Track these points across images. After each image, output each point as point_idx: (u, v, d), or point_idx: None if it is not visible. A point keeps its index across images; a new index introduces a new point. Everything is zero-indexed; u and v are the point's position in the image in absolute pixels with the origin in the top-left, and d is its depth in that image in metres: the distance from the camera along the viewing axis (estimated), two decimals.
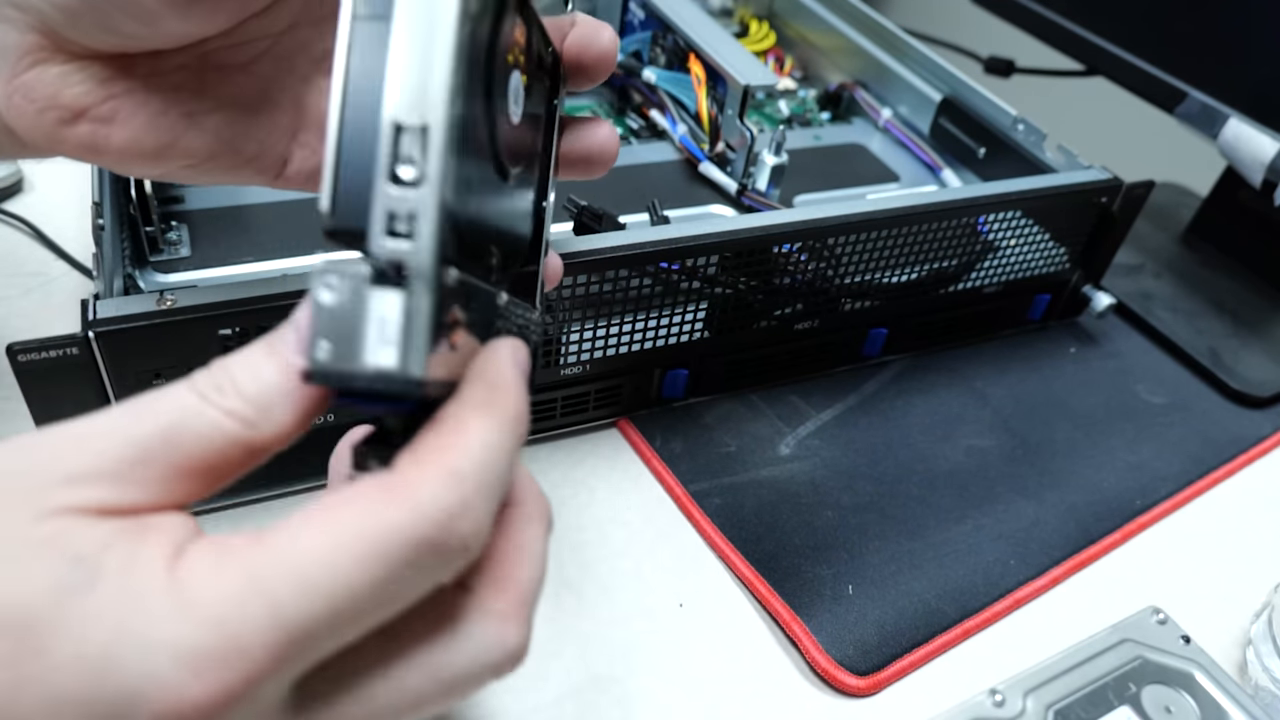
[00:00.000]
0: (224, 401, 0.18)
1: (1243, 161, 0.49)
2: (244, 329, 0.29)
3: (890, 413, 0.43)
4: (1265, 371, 0.50)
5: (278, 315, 0.29)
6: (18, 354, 0.27)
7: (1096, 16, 0.58)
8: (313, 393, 0.19)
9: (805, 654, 0.33)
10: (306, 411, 0.19)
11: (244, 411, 0.18)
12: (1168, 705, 0.31)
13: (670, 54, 0.54)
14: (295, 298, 0.28)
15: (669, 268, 0.36)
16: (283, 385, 0.18)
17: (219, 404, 0.18)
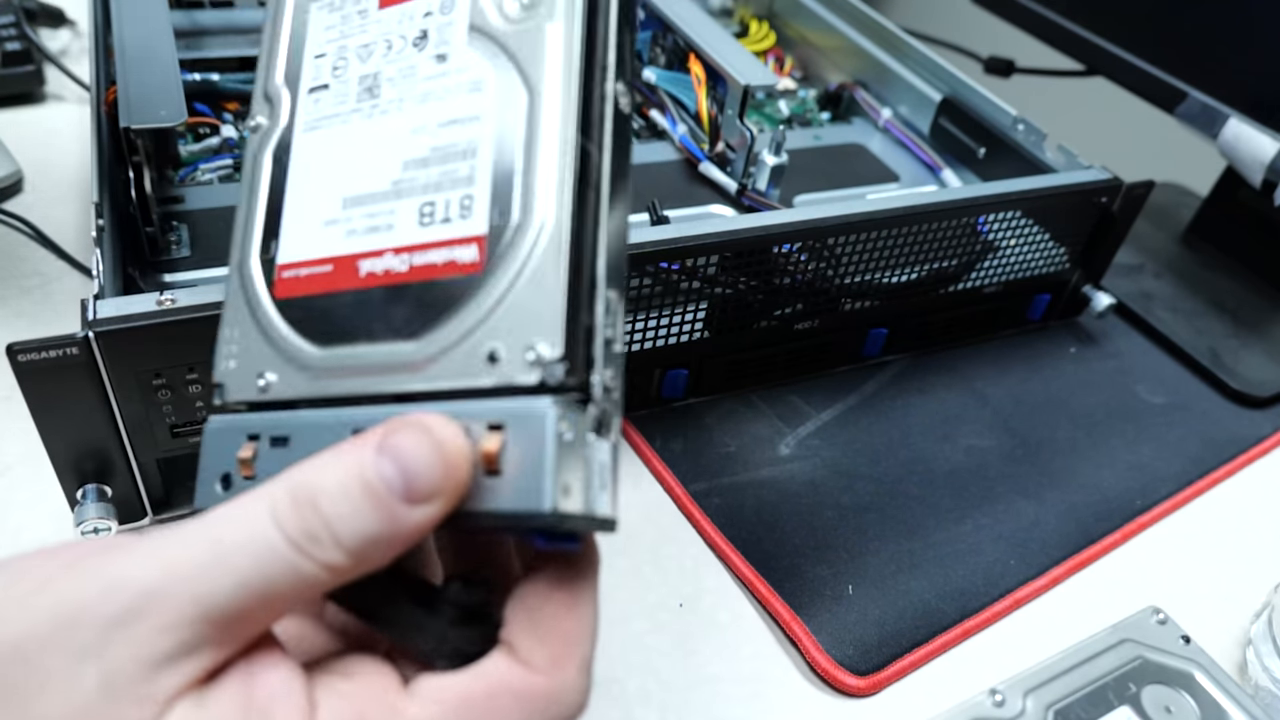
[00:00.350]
0: (321, 554, 0.17)
1: (1243, 161, 0.49)
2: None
3: (890, 413, 0.43)
4: (1265, 371, 0.50)
5: None
6: (18, 354, 0.27)
7: (1096, 16, 0.58)
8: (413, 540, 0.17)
9: (805, 654, 0.33)
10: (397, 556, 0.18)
11: (342, 565, 0.17)
12: (1168, 705, 0.31)
13: (670, 54, 0.54)
14: None
15: (669, 268, 0.36)
16: (389, 536, 0.17)
17: (316, 557, 0.17)
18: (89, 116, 0.41)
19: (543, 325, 0.19)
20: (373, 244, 0.21)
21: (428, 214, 0.21)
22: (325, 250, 0.22)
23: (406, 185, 0.21)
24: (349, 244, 0.21)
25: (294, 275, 0.22)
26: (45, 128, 0.53)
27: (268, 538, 0.17)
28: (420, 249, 0.21)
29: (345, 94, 0.22)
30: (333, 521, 0.17)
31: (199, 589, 0.16)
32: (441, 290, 0.20)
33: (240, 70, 0.51)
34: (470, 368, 0.19)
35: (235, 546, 0.17)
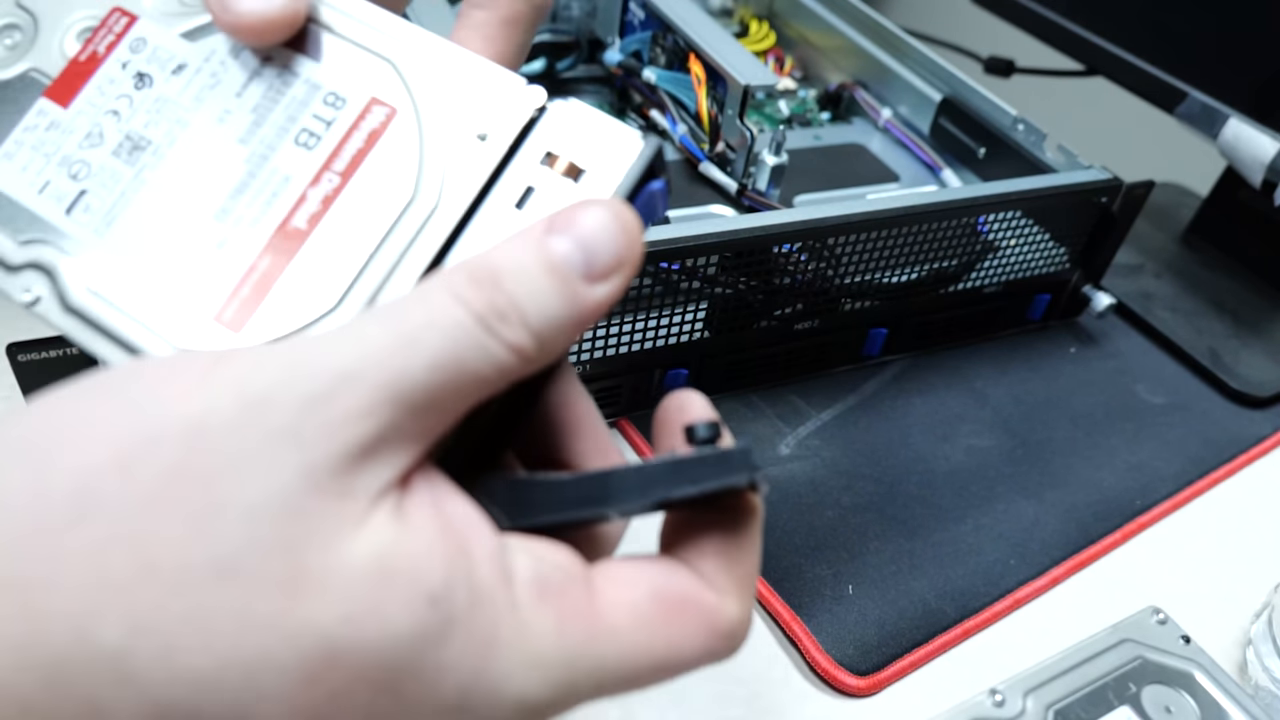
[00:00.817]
0: (510, 334, 0.16)
1: (1243, 161, 0.49)
2: None
3: (890, 413, 0.43)
4: (1265, 371, 0.50)
5: None
6: (17, 354, 0.27)
7: (1096, 16, 0.58)
8: (591, 322, 0.17)
9: (805, 654, 0.33)
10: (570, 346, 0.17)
11: (528, 348, 0.16)
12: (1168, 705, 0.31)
13: (670, 54, 0.54)
14: None
15: (669, 268, 0.36)
16: (574, 316, 0.16)
17: (505, 337, 0.16)
18: None
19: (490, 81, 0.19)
20: (285, 204, 0.19)
21: (308, 139, 0.20)
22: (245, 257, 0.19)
23: (261, 148, 0.20)
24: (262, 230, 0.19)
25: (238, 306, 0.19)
26: None
27: (454, 316, 0.15)
28: (333, 157, 0.20)
29: (113, 174, 0.20)
30: (519, 298, 0.16)
31: (393, 370, 0.15)
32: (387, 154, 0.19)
33: None
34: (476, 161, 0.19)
35: (423, 325, 0.15)
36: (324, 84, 0.20)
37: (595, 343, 0.37)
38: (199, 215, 0.19)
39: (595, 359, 0.38)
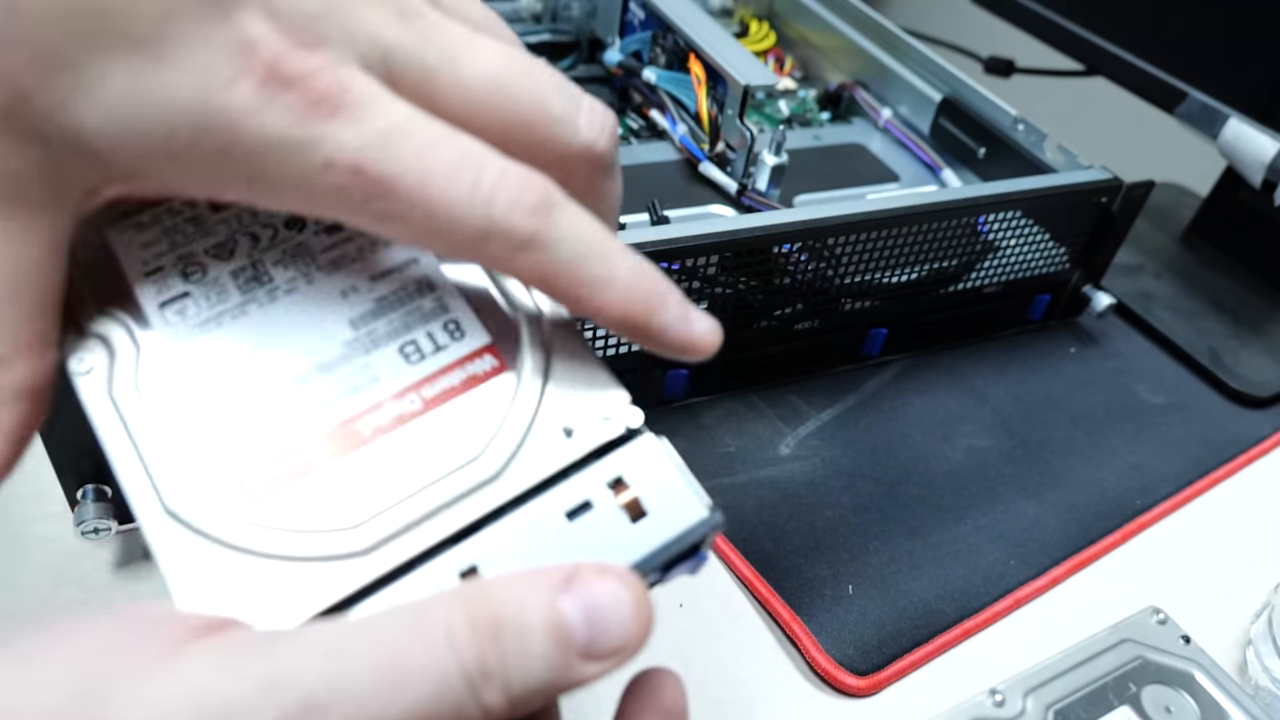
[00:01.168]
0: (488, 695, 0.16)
1: (1243, 161, 0.49)
2: None
3: (890, 413, 0.43)
4: (1265, 371, 0.50)
5: None
6: None
7: (1096, 16, 0.58)
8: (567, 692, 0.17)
9: (805, 654, 0.33)
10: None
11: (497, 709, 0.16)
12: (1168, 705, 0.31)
13: (670, 54, 0.54)
14: None
15: (669, 268, 0.36)
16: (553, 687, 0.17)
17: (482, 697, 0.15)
18: None
19: (598, 386, 0.20)
20: (361, 403, 0.19)
21: (412, 352, 0.20)
22: (299, 433, 0.18)
23: (367, 338, 0.19)
24: (327, 417, 0.19)
25: (268, 477, 0.18)
26: None
27: (444, 667, 0.15)
28: (426, 381, 0.19)
29: (221, 292, 0.20)
30: (510, 660, 0.15)
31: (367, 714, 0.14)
32: (473, 403, 0.19)
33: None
34: (552, 452, 0.19)
35: (411, 671, 0.15)
36: (453, 310, 0.20)
37: (595, 343, 0.37)
38: (279, 371, 0.19)
39: None
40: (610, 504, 0.19)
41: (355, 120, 0.16)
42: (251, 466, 0.18)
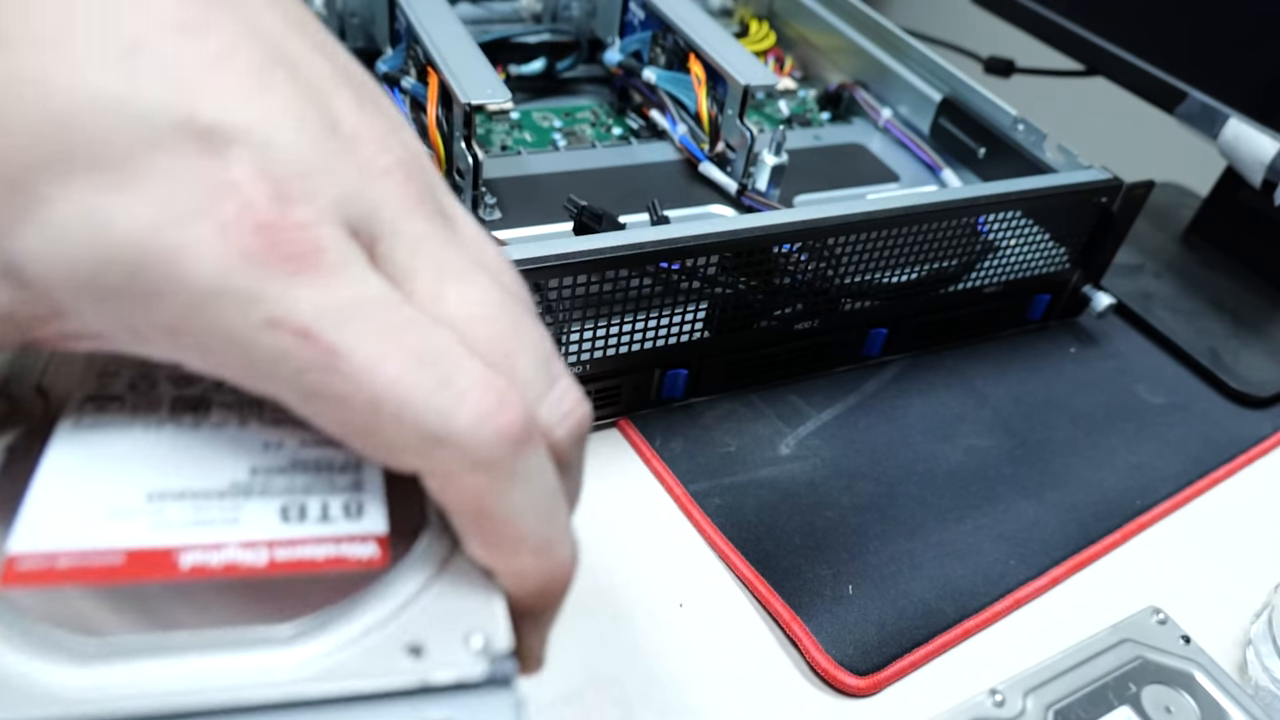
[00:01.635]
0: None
1: (1243, 161, 0.49)
2: None
3: (890, 413, 0.43)
4: (1265, 371, 0.50)
5: None
6: None
7: (1096, 16, 0.58)
8: None
9: (805, 654, 0.33)
10: None
11: None
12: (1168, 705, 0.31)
13: (670, 54, 0.54)
14: None
15: (669, 268, 0.36)
16: None
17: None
18: None
19: (480, 614, 0.17)
20: (204, 537, 0.16)
21: (293, 514, 0.17)
22: (111, 541, 0.16)
23: (256, 487, 0.17)
24: (158, 536, 0.16)
25: (41, 567, 0.16)
26: None
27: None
28: (286, 544, 0.17)
29: (152, 407, 0.18)
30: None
31: None
32: (326, 582, 0.16)
33: None
34: (382, 661, 0.15)
35: None
36: (365, 491, 0.18)
37: (595, 343, 0.37)
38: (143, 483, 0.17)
39: (595, 359, 0.38)
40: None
41: (320, 283, 0.15)
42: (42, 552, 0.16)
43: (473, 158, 0.43)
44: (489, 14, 0.61)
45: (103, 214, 0.14)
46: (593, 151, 0.52)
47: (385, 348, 0.15)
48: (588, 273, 0.34)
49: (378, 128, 0.17)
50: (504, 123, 0.54)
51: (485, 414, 0.15)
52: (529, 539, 0.17)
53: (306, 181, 0.15)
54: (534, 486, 0.16)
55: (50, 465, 0.17)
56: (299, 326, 0.14)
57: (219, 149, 0.15)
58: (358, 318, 0.15)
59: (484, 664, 0.16)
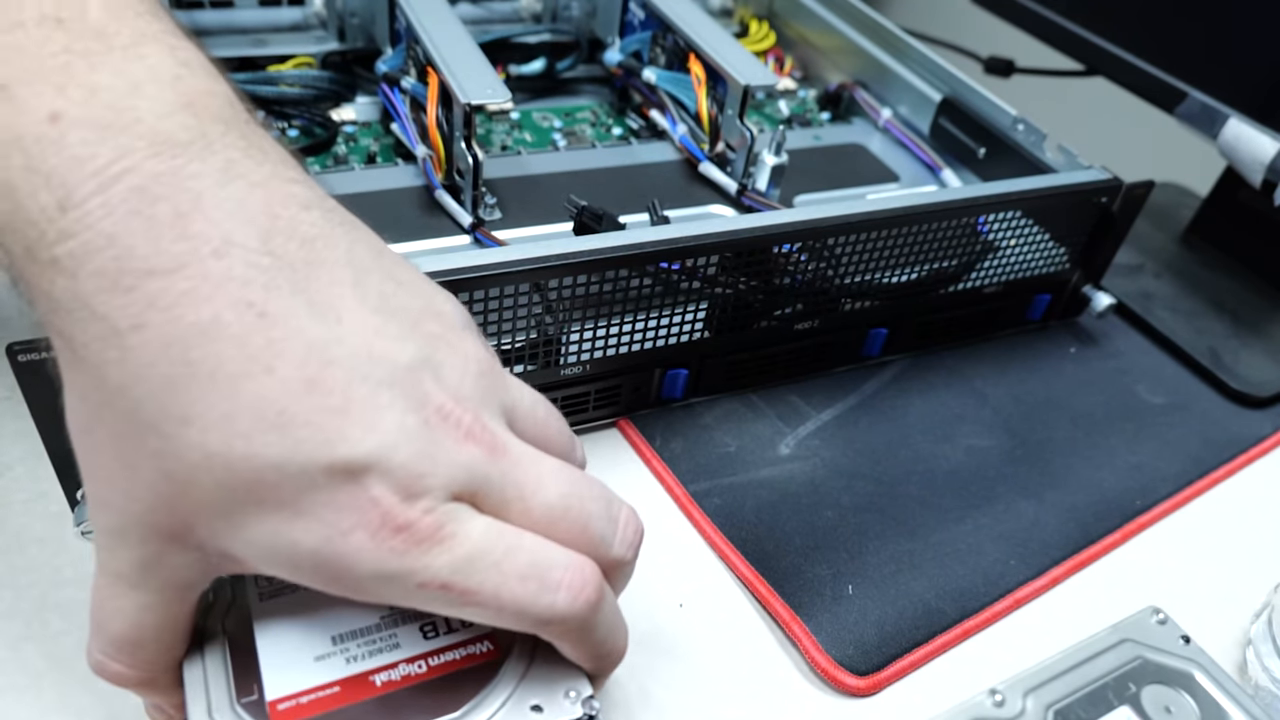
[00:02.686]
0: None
1: (1243, 161, 0.49)
2: None
3: (890, 413, 0.43)
4: (1265, 371, 0.50)
5: None
6: (18, 354, 0.27)
7: (1096, 16, 0.58)
8: None
9: (805, 654, 0.33)
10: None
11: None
12: (1168, 705, 0.31)
13: (670, 54, 0.54)
14: None
15: (669, 268, 0.36)
16: None
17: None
18: None
19: (569, 676, 0.25)
20: (380, 661, 0.24)
21: (430, 630, 0.25)
22: (326, 678, 0.24)
23: (399, 616, 0.25)
24: (352, 667, 0.24)
25: (294, 704, 0.23)
26: None
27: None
28: (434, 654, 0.25)
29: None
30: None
31: None
32: (467, 676, 0.24)
33: (241, 70, 0.51)
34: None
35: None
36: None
37: (595, 343, 0.37)
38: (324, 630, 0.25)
39: (595, 359, 0.38)
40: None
41: (445, 550, 0.21)
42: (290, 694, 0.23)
43: (473, 158, 0.43)
44: (489, 14, 0.61)
45: (288, 536, 0.21)
46: (593, 151, 0.52)
47: (501, 578, 0.22)
48: (588, 273, 0.34)
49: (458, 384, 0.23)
50: (504, 123, 0.54)
51: (574, 597, 0.23)
52: (603, 647, 0.25)
53: (421, 480, 0.21)
54: (605, 621, 0.24)
55: (263, 637, 0.24)
56: (441, 584, 0.21)
57: (358, 477, 0.20)
58: (475, 564, 0.22)
59: (580, 709, 0.24)
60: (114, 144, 0.19)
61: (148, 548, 0.22)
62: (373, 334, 0.22)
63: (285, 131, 0.50)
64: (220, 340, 0.20)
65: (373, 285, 0.22)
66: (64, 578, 0.31)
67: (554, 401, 0.38)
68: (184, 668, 0.24)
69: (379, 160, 0.49)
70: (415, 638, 0.25)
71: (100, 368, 0.20)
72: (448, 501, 0.22)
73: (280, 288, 0.20)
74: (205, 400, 0.20)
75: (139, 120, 0.20)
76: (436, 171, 0.46)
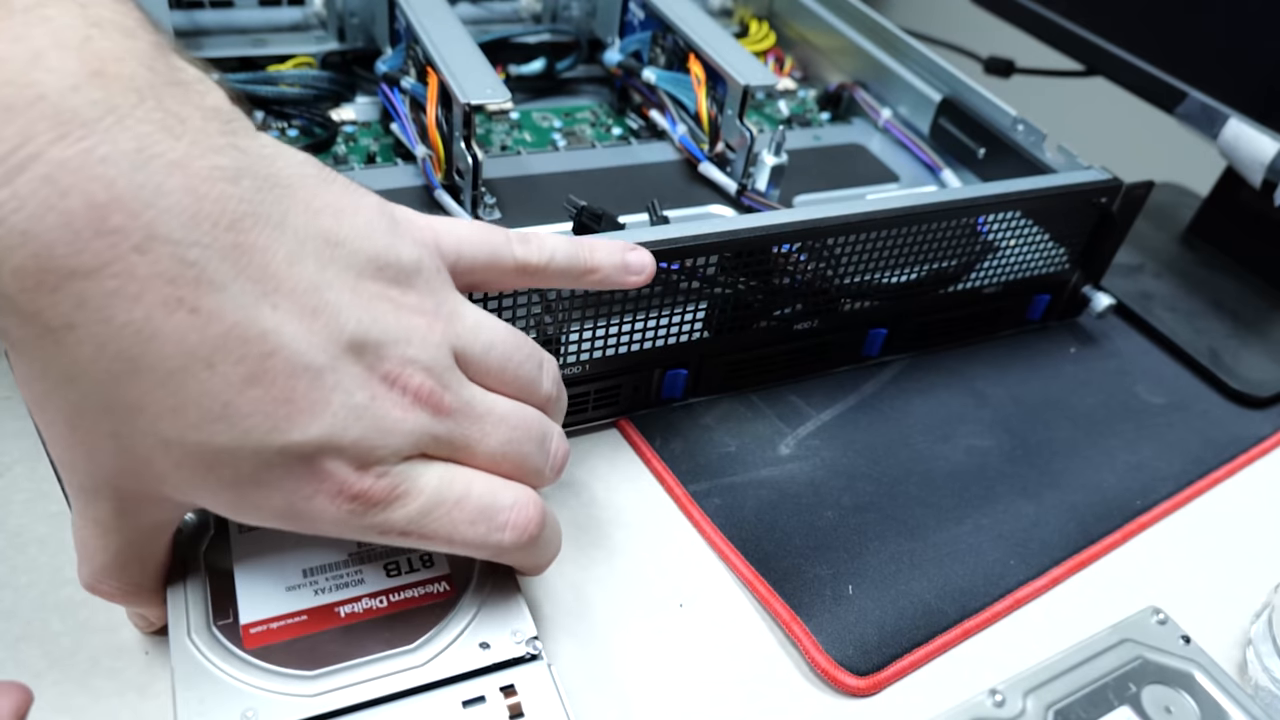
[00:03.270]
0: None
1: (1243, 161, 0.49)
2: None
3: (890, 413, 0.43)
4: (1265, 371, 0.50)
5: None
6: None
7: (1096, 16, 0.58)
8: None
9: (805, 654, 0.33)
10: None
11: None
12: (1168, 705, 0.31)
13: (670, 54, 0.54)
14: None
15: (669, 268, 0.36)
16: None
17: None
18: None
19: (517, 618, 0.28)
20: (346, 594, 0.27)
21: (393, 569, 0.28)
22: (295, 606, 0.27)
23: (366, 554, 0.28)
24: (320, 599, 0.27)
25: (265, 629, 0.26)
26: None
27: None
28: (395, 590, 0.28)
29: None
30: None
31: None
32: (424, 612, 0.27)
33: (240, 70, 0.51)
34: (469, 657, 0.26)
35: None
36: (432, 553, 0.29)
37: (595, 343, 0.37)
38: (296, 565, 0.28)
39: (595, 359, 0.38)
40: (499, 703, 0.26)
41: (401, 506, 0.24)
42: (261, 619, 0.26)
43: (472, 158, 0.43)
44: (489, 14, 0.61)
45: (252, 500, 0.22)
46: (592, 151, 0.52)
47: (453, 524, 0.25)
48: None
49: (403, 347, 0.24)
50: (504, 123, 0.54)
51: (519, 534, 0.26)
52: (542, 559, 0.28)
53: (373, 453, 0.23)
54: (544, 543, 0.27)
55: (240, 567, 0.27)
56: (399, 532, 0.24)
57: (311, 459, 0.22)
58: (432, 514, 0.24)
59: (524, 648, 0.27)
60: (15, 128, 0.18)
61: (119, 502, 0.23)
62: (311, 315, 0.22)
63: (285, 131, 0.50)
64: (156, 340, 0.19)
65: (308, 255, 0.22)
66: (64, 578, 0.31)
67: None
68: (168, 593, 0.27)
69: (379, 160, 0.49)
70: (379, 575, 0.28)
71: (42, 361, 0.20)
72: (400, 464, 0.23)
73: (210, 281, 0.20)
74: (151, 394, 0.20)
75: (42, 98, 0.18)
76: (436, 171, 0.46)
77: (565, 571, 0.35)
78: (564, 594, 0.34)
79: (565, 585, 0.34)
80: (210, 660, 0.25)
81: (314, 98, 0.50)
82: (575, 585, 0.34)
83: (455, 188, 0.46)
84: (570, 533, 0.36)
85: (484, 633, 0.27)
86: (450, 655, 0.26)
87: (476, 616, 0.27)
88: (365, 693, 0.25)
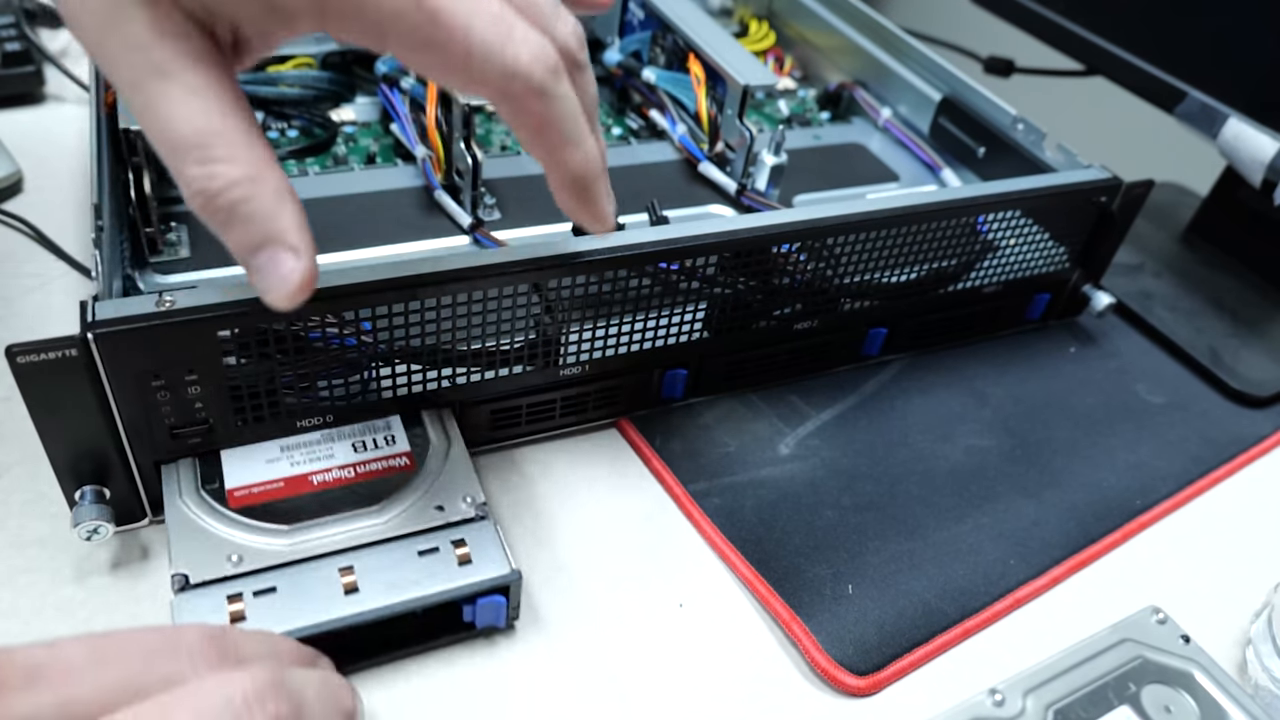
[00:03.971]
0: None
1: (1243, 161, 0.49)
2: (244, 330, 0.29)
3: (890, 413, 0.43)
4: (1265, 371, 0.50)
5: (277, 315, 0.29)
6: (16, 355, 0.27)
7: (1096, 16, 0.58)
8: None
9: (805, 654, 0.33)
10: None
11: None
12: (1168, 705, 0.31)
13: (670, 54, 0.54)
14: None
15: (668, 268, 0.36)
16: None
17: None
18: (89, 117, 0.41)
19: (468, 485, 0.32)
20: (318, 466, 0.32)
21: (360, 447, 0.33)
22: (274, 475, 0.31)
23: (336, 434, 0.33)
24: (295, 469, 0.31)
25: (247, 493, 0.30)
26: (45, 128, 0.53)
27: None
28: (362, 463, 0.32)
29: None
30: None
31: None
32: (388, 480, 0.32)
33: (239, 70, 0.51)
34: (425, 515, 0.31)
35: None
36: (393, 429, 0.34)
37: (595, 343, 0.37)
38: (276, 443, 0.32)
39: (595, 359, 0.38)
40: (450, 553, 0.30)
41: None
42: (243, 485, 0.31)
43: (472, 158, 0.43)
44: None
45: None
46: None
47: (470, 9, 0.22)
48: (588, 273, 0.34)
49: None
50: (504, 123, 0.54)
51: (536, 55, 0.23)
52: (573, 135, 0.25)
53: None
54: (569, 103, 0.25)
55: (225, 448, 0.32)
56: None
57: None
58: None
59: (473, 510, 0.31)
60: None
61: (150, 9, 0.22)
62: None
63: (285, 132, 0.50)
64: None
65: None
66: (64, 578, 0.31)
67: (553, 402, 0.38)
68: (161, 470, 0.31)
69: (379, 161, 0.49)
70: (348, 451, 0.32)
71: None
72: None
73: None
74: None
75: None
76: (436, 172, 0.46)
77: (565, 571, 0.35)
78: (564, 593, 0.34)
79: (565, 585, 0.34)
80: (199, 516, 0.29)
81: (314, 98, 0.50)
82: (575, 585, 0.34)
83: (455, 188, 0.46)
84: (571, 533, 0.36)
85: (440, 498, 0.31)
86: (409, 515, 0.30)
87: (434, 485, 0.31)
88: (334, 543, 0.29)
